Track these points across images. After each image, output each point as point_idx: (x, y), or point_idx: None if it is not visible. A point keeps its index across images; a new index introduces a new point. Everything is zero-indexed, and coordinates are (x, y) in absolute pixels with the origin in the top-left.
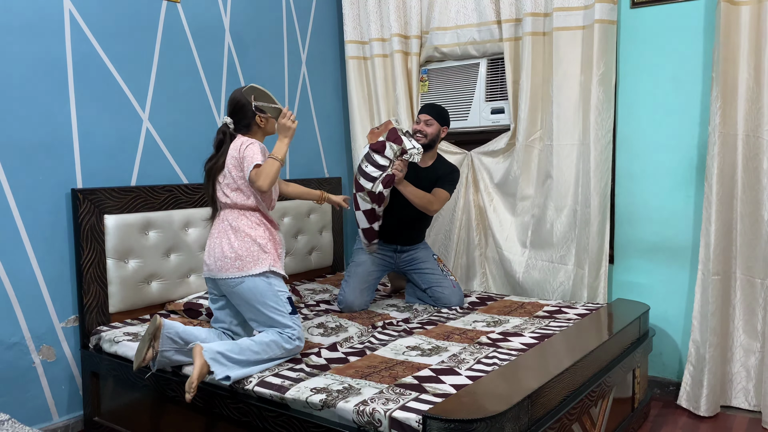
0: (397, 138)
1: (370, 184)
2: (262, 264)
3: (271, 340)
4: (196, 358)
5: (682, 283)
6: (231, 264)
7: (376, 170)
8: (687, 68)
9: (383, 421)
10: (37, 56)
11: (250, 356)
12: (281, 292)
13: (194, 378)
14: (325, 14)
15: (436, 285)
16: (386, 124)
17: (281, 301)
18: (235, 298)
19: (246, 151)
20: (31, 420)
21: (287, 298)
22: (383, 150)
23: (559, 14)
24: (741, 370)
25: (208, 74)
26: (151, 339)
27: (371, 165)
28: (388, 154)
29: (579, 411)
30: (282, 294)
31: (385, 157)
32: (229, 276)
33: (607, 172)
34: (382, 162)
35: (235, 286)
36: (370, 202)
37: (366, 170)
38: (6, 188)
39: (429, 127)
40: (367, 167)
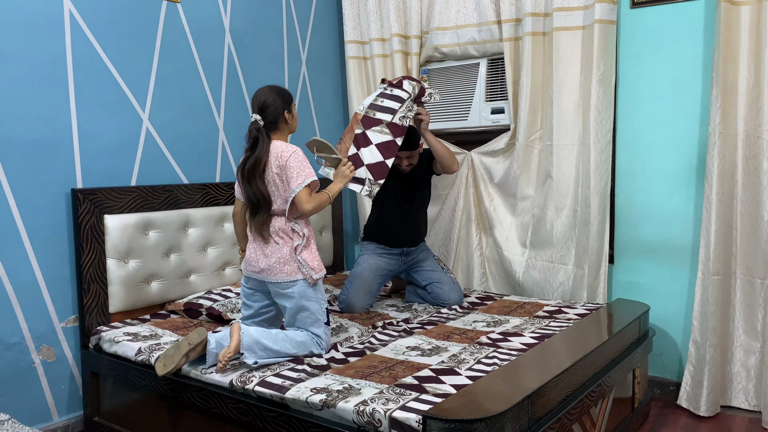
0: (413, 78)
1: (390, 116)
2: (319, 269)
3: (303, 341)
4: (233, 336)
5: (682, 283)
6: (287, 268)
7: (396, 102)
8: (687, 68)
9: (383, 421)
10: (37, 56)
11: (284, 349)
12: (324, 301)
13: (231, 350)
14: (325, 14)
15: (436, 282)
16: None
17: (321, 309)
18: (282, 300)
19: (291, 160)
20: (31, 420)
21: (326, 308)
22: (401, 85)
23: (559, 14)
24: (741, 370)
25: (208, 74)
26: (189, 350)
27: (389, 99)
28: (407, 88)
29: (579, 411)
30: (324, 303)
31: (404, 90)
32: (285, 279)
33: (607, 172)
34: (402, 94)
35: (288, 288)
36: (390, 133)
37: (384, 104)
38: (6, 188)
39: (411, 158)
40: (384, 101)
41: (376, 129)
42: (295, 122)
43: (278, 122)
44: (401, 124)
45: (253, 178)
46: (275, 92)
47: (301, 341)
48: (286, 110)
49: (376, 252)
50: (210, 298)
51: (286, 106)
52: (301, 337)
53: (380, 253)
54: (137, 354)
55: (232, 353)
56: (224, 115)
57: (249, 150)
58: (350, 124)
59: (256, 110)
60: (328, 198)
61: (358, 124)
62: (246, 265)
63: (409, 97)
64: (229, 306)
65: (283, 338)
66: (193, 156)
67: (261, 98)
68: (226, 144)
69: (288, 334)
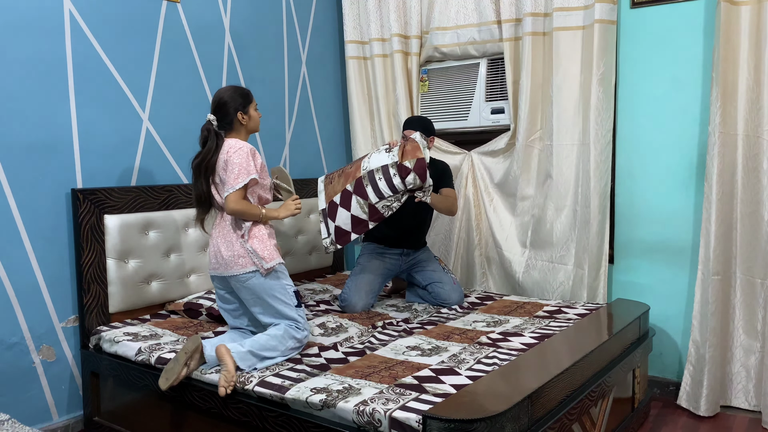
0: (423, 174)
1: (376, 199)
2: (270, 258)
3: (284, 332)
4: (226, 361)
5: (682, 283)
6: (241, 261)
7: (389, 189)
8: (687, 68)
9: (383, 421)
10: (37, 56)
11: (271, 347)
12: (288, 285)
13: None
14: (325, 14)
15: (437, 281)
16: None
17: (288, 294)
18: (244, 293)
19: (234, 156)
20: (31, 420)
21: (294, 291)
22: (405, 176)
23: (559, 14)
24: (741, 370)
25: (208, 74)
26: (187, 358)
27: (385, 181)
28: (408, 182)
29: (579, 411)
30: (289, 287)
31: (404, 183)
32: (240, 272)
33: (607, 172)
34: (399, 186)
35: (246, 281)
36: (367, 214)
37: (379, 184)
38: (6, 188)
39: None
40: (380, 180)
41: (360, 201)
42: (254, 123)
43: (233, 122)
44: (382, 212)
45: (198, 177)
46: (231, 92)
47: (280, 334)
48: (241, 111)
49: (376, 252)
50: (210, 298)
51: (242, 106)
52: (279, 330)
53: (380, 253)
54: (137, 354)
55: (233, 377)
56: None
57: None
58: (353, 168)
59: (211, 109)
60: (258, 215)
61: (351, 182)
62: (208, 264)
63: (403, 191)
64: None
65: (267, 338)
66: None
67: (217, 97)
68: None
69: (269, 333)
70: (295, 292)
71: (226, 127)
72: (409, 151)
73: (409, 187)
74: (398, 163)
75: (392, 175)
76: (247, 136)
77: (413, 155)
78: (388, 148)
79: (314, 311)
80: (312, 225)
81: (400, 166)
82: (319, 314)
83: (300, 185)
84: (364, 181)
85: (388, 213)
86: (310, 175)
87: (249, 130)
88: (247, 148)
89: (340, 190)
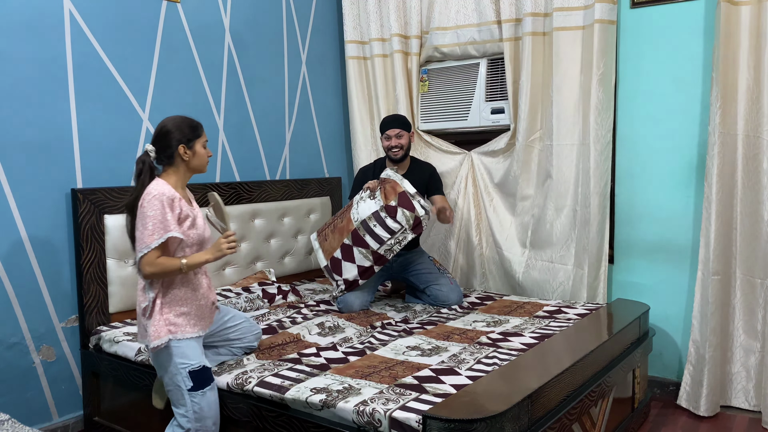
0: (408, 204)
1: (377, 245)
2: (156, 336)
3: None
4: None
5: (682, 283)
6: (141, 328)
7: (386, 233)
8: (687, 68)
9: (383, 421)
10: (37, 56)
11: None
12: (183, 364)
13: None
14: (325, 14)
15: (434, 283)
16: (393, 185)
17: (180, 377)
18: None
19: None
20: (31, 420)
21: (191, 371)
22: (395, 215)
23: (559, 14)
24: (741, 370)
25: (208, 74)
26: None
27: (381, 227)
28: (400, 220)
29: (579, 411)
30: (183, 367)
31: (396, 221)
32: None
33: (607, 172)
34: (394, 226)
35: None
36: (372, 261)
37: (375, 230)
38: (6, 188)
39: (401, 139)
40: (375, 227)
41: (363, 251)
42: (198, 161)
43: (173, 156)
44: (385, 255)
45: (128, 216)
46: (178, 121)
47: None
48: (184, 145)
49: None
50: None
51: (185, 140)
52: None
53: None
54: (137, 354)
55: None
56: (224, 115)
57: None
58: (344, 222)
59: (152, 139)
60: (178, 269)
61: (348, 235)
62: None
63: (401, 230)
64: (229, 306)
65: None
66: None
67: (160, 125)
68: (226, 144)
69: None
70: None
71: (165, 161)
72: (391, 191)
73: (403, 223)
74: (385, 205)
75: (384, 218)
76: (187, 175)
77: (395, 193)
78: (370, 194)
79: (314, 311)
80: (312, 225)
81: (388, 207)
82: (319, 314)
83: (300, 185)
84: (360, 232)
85: (391, 255)
86: (311, 175)
87: (191, 168)
88: (163, 197)
89: (338, 246)
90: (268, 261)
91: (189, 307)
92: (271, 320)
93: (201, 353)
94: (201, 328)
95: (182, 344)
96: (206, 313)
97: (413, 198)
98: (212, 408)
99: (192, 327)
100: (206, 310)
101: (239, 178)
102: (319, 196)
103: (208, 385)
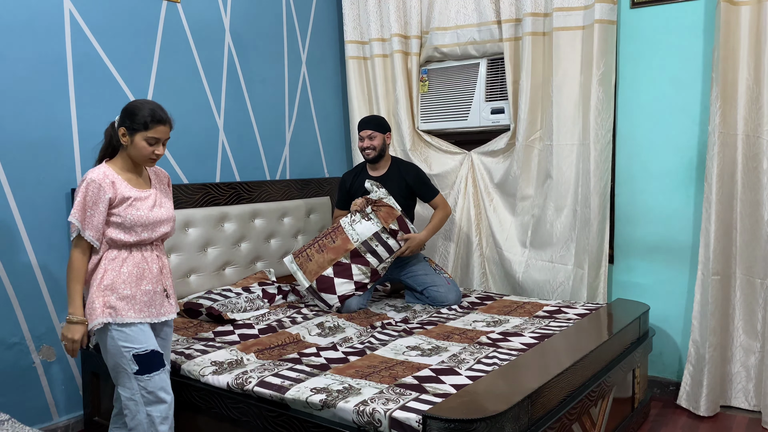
0: (405, 227)
1: (377, 263)
2: (93, 315)
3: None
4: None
5: (682, 283)
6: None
7: (386, 253)
8: (687, 68)
9: (383, 421)
10: (37, 56)
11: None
12: (127, 348)
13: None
14: (325, 14)
15: (431, 285)
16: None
17: (125, 360)
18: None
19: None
20: (31, 420)
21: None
22: (395, 235)
23: (559, 14)
24: (741, 370)
25: (208, 74)
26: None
27: (382, 246)
28: (400, 241)
29: (579, 411)
30: (128, 350)
31: (395, 241)
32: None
33: (607, 172)
34: (394, 245)
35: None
36: (369, 277)
37: (377, 250)
38: (6, 188)
39: (374, 140)
40: (377, 247)
41: (362, 269)
42: (136, 152)
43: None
44: (381, 273)
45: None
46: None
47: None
48: (125, 128)
49: None
50: (210, 298)
51: (128, 125)
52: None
53: None
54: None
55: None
56: (224, 115)
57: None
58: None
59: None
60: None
61: (345, 254)
62: None
63: (399, 249)
64: (229, 306)
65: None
66: (193, 156)
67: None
68: (226, 144)
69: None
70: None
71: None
72: (388, 215)
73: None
74: (387, 228)
75: (386, 239)
76: (128, 161)
77: (392, 216)
78: (364, 216)
79: (314, 311)
80: (312, 225)
81: (390, 230)
82: (319, 314)
83: (300, 185)
84: (361, 251)
85: (384, 272)
86: (311, 175)
87: (130, 155)
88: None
89: (329, 265)
90: (268, 261)
91: (132, 290)
92: (271, 320)
93: (150, 336)
94: (148, 315)
95: (125, 329)
96: (156, 300)
97: (410, 223)
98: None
99: (137, 312)
100: (156, 297)
101: (239, 178)
102: (319, 196)
103: (156, 369)
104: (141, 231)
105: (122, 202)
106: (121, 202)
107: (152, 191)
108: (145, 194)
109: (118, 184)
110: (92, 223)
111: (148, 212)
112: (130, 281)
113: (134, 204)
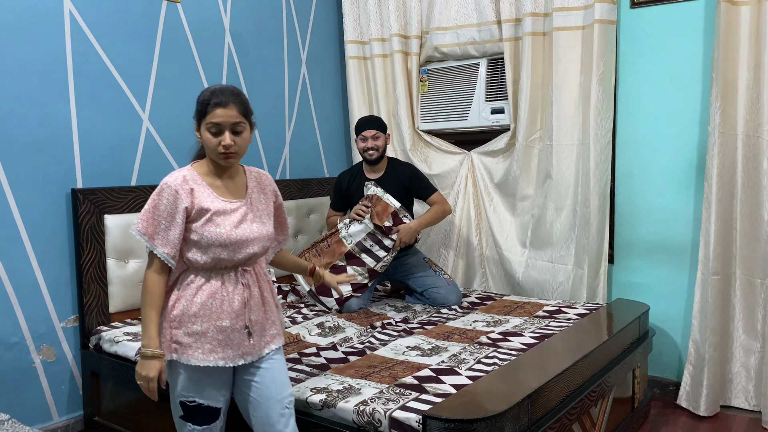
0: (400, 222)
1: (374, 263)
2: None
3: None
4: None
5: (681, 283)
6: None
7: (383, 251)
8: (687, 68)
9: (383, 421)
10: (37, 56)
11: None
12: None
13: None
14: (325, 14)
15: (432, 286)
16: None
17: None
18: None
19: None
20: (31, 420)
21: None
22: (390, 233)
23: (559, 14)
24: (741, 370)
25: (208, 74)
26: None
27: (378, 245)
28: (394, 237)
29: (579, 411)
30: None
31: (390, 239)
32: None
33: (606, 172)
34: (390, 244)
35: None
36: (368, 278)
37: (372, 250)
38: (6, 188)
39: (377, 141)
40: (372, 247)
41: (358, 269)
42: (207, 147)
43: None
44: (379, 271)
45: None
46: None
47: None
48: (196, 122)
49: None
50: None
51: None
52: None
53: None
54: (137, 354)
55: None
56: None
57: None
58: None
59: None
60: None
61: (341, 257)
62: None
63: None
64: None
65: None
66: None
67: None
68: None
69: None
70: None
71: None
72: (382, 213)
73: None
74: (380, 226)
75: (380, 238)
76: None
77: (386, 213)
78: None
79: (314, 311)
80: (312, 225)
81: (384, 227)
82: (319, 314)
83: (300, 185)
84: (355, 252)
85: (383, 270)
86: (311, 175)
87: (207, 153)
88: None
89: (326, 268)
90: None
91: (204, 326)
92: None
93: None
94: (222, 357)
95: (186, 371)
96: (234, 339)
97: (405, 216)
98: None
99: (206, 353)
100: (234, 336)
101: None
102: (319, 196)
103: (201, 423)
104: (220, 252)
105: (200, 216)
106: (198, 215)
107: (243, 202)
108: (231, 206)
109: (197, 193)
110: (167, 237)
111: (231, 230)
112: (202, 314)
113: (214, 219)
